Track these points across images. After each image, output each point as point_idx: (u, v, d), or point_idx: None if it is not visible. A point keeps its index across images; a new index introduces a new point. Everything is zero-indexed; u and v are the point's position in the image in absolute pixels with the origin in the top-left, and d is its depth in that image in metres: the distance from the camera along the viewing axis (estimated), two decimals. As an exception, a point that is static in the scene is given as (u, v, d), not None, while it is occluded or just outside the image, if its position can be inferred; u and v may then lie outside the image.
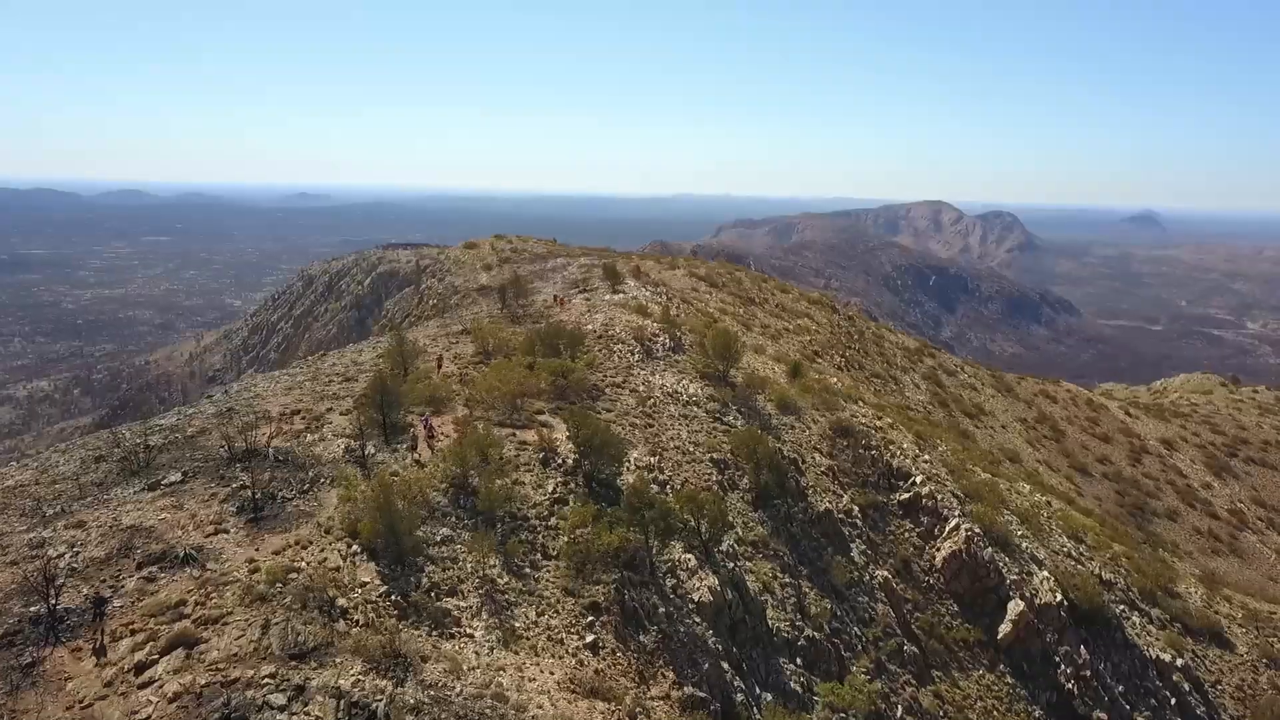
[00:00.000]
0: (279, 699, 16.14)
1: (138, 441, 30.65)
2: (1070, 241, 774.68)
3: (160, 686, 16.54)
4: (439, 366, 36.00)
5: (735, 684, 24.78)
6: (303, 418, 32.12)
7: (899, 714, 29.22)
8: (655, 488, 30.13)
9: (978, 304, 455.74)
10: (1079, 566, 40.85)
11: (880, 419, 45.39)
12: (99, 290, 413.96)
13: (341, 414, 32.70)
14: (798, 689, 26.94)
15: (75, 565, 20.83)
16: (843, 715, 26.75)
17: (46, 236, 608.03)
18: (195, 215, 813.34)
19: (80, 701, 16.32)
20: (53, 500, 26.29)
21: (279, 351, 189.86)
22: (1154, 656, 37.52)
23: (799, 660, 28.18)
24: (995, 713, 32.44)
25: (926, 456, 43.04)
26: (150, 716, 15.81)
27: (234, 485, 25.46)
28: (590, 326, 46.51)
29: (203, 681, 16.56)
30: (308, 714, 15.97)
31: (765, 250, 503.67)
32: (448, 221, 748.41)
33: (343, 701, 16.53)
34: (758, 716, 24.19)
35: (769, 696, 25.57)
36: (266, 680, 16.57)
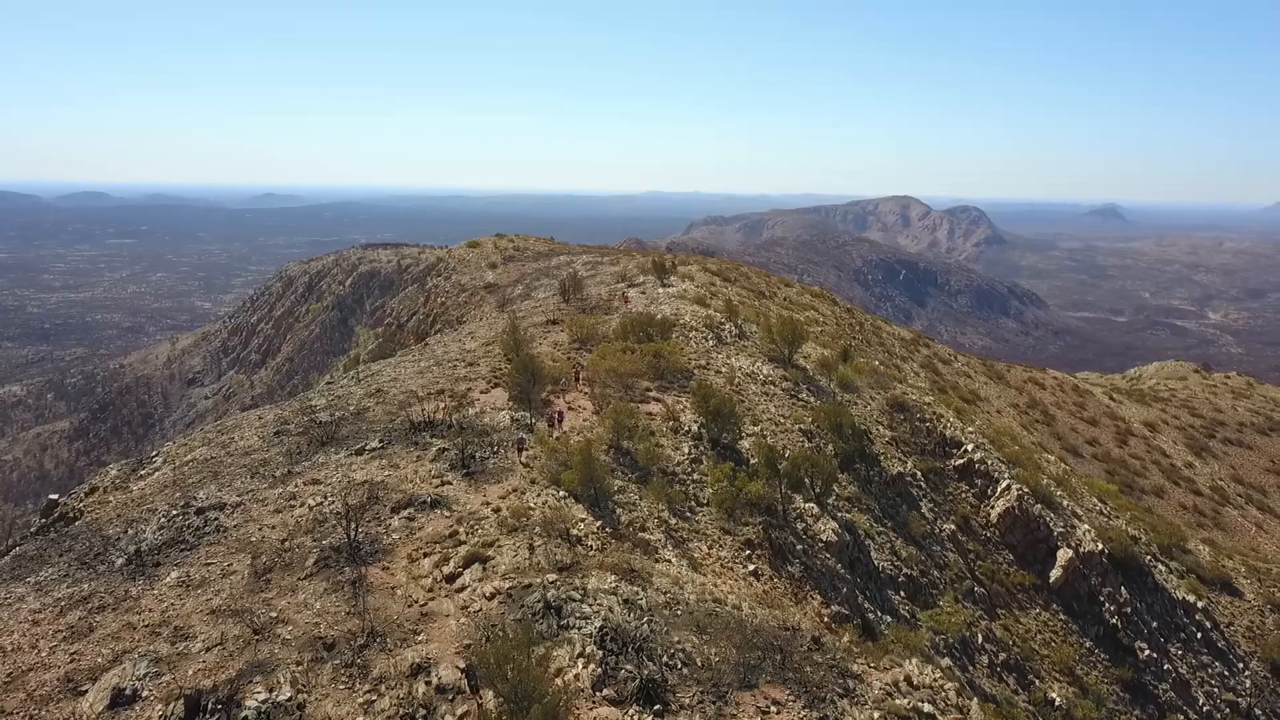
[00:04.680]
0: (576, 595, 20.45)
1: (306, 419, 34.75)
2: (1036, 235, 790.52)
3: (474, 590, 20.79)
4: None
5: (866, 606, 29.50)
6: (449, 396, 36.22)
7: (980, 641, 34.10)
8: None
9: (947, 297, 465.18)
10: (1110, 522, 46.20)
11: (926, 396, 50.41)
12: (65, 294, 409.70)
13: (481, 392, 36.92)
14: (906, 615, 31.74)
15: (339, 510, 24.91)
16: (943, 637, 31.56)
17: (8, 239, 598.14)
18: (159, 217, 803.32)
19: (417, 601, 20.50)
20: (263, 466, 30.22)
21: (260, 353, 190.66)
22: (1180, 599, 42.86)
23: (902, 593, 33.02)
24: (1053, 643, 37.50)
25: (970, 428, 48.09)
26: (480, 609, 20.07)
27: (432, 449, 29.60)
28: (660, 317, 50.84)
29: (506, 586, 20.85)
30: (599, 605, 20.30)
31: (738, 247, 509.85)
32: (421, 220, 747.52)
33: (617, 597, 20.91)
34: (886, 632, 28.87)
35: (889, 619, 30.30)
36: (560, 583, 20.91)
